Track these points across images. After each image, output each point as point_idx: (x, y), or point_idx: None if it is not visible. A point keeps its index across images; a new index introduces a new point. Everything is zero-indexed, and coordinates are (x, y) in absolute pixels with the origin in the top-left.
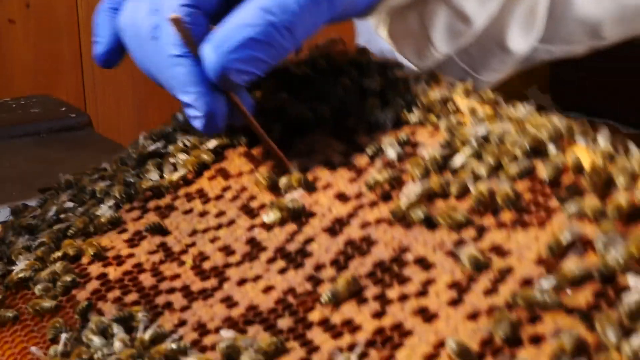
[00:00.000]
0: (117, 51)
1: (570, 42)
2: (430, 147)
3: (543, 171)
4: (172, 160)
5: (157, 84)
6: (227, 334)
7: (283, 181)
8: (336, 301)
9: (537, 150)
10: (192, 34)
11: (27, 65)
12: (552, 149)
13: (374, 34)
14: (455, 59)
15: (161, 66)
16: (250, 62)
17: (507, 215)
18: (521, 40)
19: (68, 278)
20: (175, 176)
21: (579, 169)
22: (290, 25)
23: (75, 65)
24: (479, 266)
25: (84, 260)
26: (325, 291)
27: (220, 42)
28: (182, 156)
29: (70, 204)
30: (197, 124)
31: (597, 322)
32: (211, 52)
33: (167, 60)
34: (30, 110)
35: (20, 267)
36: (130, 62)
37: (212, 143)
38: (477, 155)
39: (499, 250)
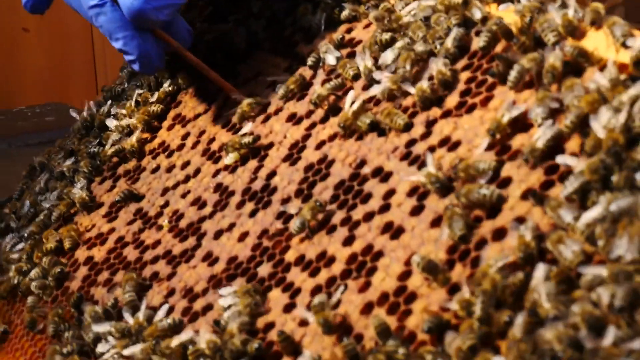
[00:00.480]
0: None
1: None
2: (363, 45)
3: (476, 42)
4: (125, 122)
5: None
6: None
7: (281, 91)
8: (306, 229)
9: (466, 23)
10: None
11: (40, 72)
12: (477, 14)
13: None
14: None
15: (88, 18)
16: None
17: (450, 101)
18: None
19: (57, 270)
20: (133, 139)
21: (507, 34)
22: None
23: (88, 72)
24: (442, 185)
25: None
26: (293, 223)
27: None
28: (134, 116)
29: (42, 197)
30: (135, 67)
31: (548, 208)
32: None
33: (89, 11)
34: (45, 118)
35: (10, 275)
36: None
37: (154, 96)
38: (410, 42)
39: (449, 143)
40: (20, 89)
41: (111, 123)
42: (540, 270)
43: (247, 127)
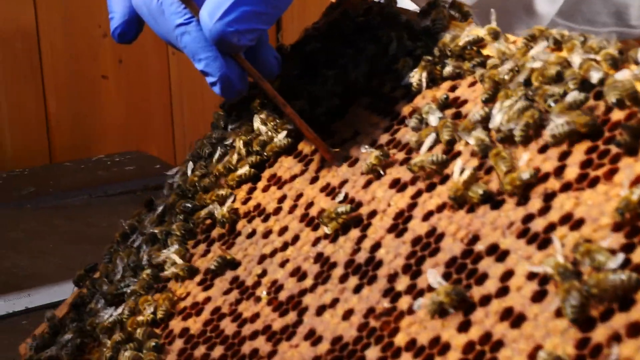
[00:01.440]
0: (132, 25)
1: (594, 23)
2: (471, 106)
3: (600, 108)
4: (216, 188)
5: None
6: None
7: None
8: (440, 312)
9: (583, 85)
10: None
11: (119, 120)
12: (595, 75)
13: None
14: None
15: (173, 38)
16: (251, 19)
17: (570, 173)
18: (548, 3)
19: (152, 343)
20: (224, 209)
21: (634, 97)
22: None
23: (165, 120)
24: (568, 275)
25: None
26: (429, 303)
27: (214, 5)
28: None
29: (135, 259)
30: (216, 89)
31: None
32: (206, 18)
33: (175, 31)
34: (125, 167)
35: (105, 347)
36: None
37: (243, 168)
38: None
39: (571, 221)
40: (99, 137)
41: (203, 183)
42: None
43: (342, 194)
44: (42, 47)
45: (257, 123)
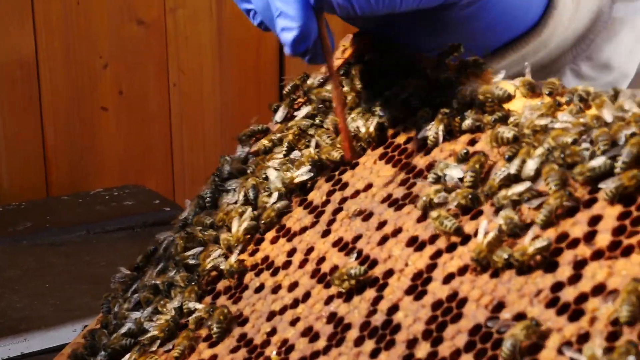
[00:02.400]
0: None
1: None
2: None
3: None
4: (224, 236)
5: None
6: None
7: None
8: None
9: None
10: None
11: (118, 152)
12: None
13: None
14: None
15: None
16: None
17: (601, 239)
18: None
19: None
20: (232, 260)
21: None
22: None
23: (165, 153)
24: None
25: None
26: (504, 346)
27: None
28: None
29: (137, 312)
30: (287, 36)
31: None
32: None
33: None
34: (124, 202)
35: None
36: (219, 151)
37: (243, 222)
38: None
39: (604, 292)
40: (97, 170)
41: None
42: None
43: (356, 251)
44: (42, 78)
45: (266, 173)
